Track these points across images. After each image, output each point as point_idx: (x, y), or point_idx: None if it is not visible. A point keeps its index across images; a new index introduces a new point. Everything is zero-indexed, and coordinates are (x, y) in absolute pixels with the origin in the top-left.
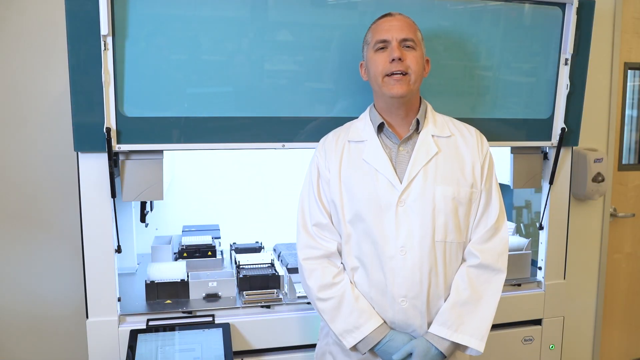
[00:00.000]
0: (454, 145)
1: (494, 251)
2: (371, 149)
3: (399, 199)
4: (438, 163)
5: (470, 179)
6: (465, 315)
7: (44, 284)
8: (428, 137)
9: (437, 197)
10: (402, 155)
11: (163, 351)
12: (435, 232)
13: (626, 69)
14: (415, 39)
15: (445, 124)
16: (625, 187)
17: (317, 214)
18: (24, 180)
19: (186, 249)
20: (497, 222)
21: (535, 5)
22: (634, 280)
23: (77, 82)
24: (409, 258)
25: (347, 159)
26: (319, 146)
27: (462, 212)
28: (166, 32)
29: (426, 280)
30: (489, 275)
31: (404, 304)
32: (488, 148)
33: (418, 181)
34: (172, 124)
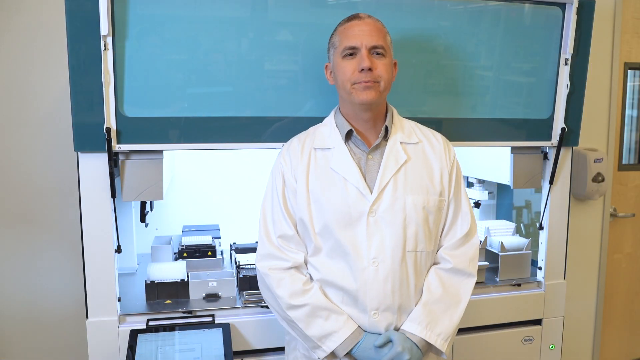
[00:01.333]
0: (422, 152)
1: (465, 256)
2: (339, 157)
3: (370, 209)
4: (407, 171)
5: (438, 187)
6: (436, 315)
7: (44, 284)
8: (396, 145)
9: (408, 207)
10: (371, 163)
11: (163, 351)
12: (406, 242)
13: (626, 69)
14: (385, 45)
15: (412, 130)
16: (625, 187)
17: (282, 225)
18: (24, 180)
19: (186, 249)
20: (469, 230)
21: (535, 5)
22: (634, 280)
23: (77, 82)
24: (380, 269)
25: (313, 167)
26: (283, 152)
27: (432, 221)
28: (166, 32)
29: (397, 291)
30: (460, 278)
31: (375, 317)
32: (455, 155)
33: (389, 190)
34: (172, 124)
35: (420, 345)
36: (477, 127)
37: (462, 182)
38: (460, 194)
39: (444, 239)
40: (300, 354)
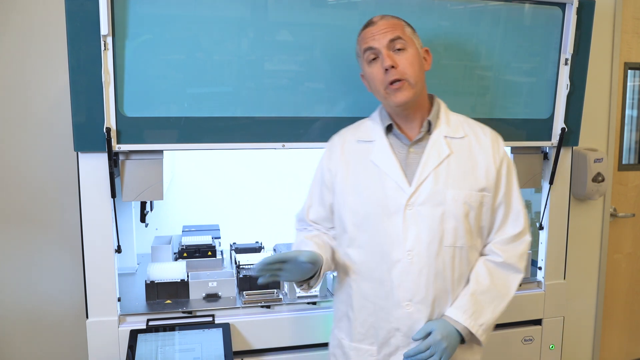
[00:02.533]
0: (467, 147)
1: (515, 251)
2: (379, 150)
3: (407, 202)
4: (450, 165)
5: (482, 183)
6: (481, 305)
7: (44, 284)
8: (440, 139)
9: (448, 201)
10: (412, 157)
11: (163, 351)
12: (444, 236)
13: (626, 69)
14: (403, 36)
15: (459, 124)
16: (625, 187)
17: (316, 212)
18: (24, 180)
19: (186, 249)
20: (522, 229)
21: (535, 5)
22: (634, 280)
23: (77, 82)
24: (415, 262)
25: (353, 159)
26: (327, 146)
27: (473, 216)
28: (166, 32)
29: (432, 284)
30: (508, 273)
31: (408, 308)
32: (504, 151)
33: (428, 184)
34: (172, 124)
35: (463, 333)
36: None
37: (515, 179)
38: (511, 192)
39: (494, 234)
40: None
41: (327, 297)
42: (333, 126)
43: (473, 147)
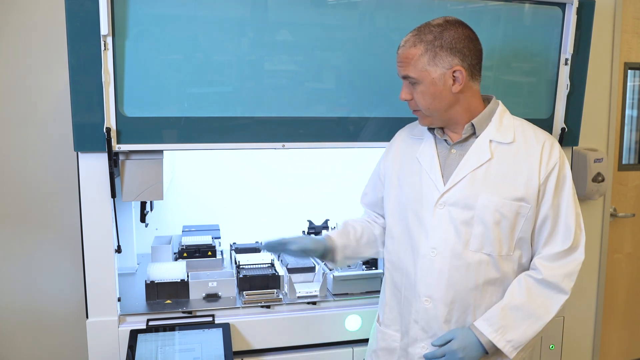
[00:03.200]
0: (512, 154)
1: (561, 270)
2: (424, 148)
3: (438, 201)
4: (489, 170)
5: (521, 192)
6: (512, 321)
7: (44, 284)
8: (484, 142)
9: (479, 206)
10: (453, 157)
11: (163, 351)
12: (470, 240)
13: (626, 69)
14: (413, 73)
15: (511, 129)
16: (625, 187)
17: (369, 198)
18: (24, 180)
19: (186, 249)
20: (572, 245)
21: (535, 5)
22: (634, 280)
23: (77, 82)
24: (438, 260)
25: (404, 154)
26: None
27: (507, 225)
28: (166, 32)
29: (454, 285)
30: (549, 292)
31: (427, 304)
32: (558, 161)
33: (462, 185)
34: (172, 124)
35: (487, 346)
36: None
37: (567, 192)
38: (561, 205)
39: (541, 249)
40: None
41: (327, 297)
42: (334, 126)
43: (519, 153)
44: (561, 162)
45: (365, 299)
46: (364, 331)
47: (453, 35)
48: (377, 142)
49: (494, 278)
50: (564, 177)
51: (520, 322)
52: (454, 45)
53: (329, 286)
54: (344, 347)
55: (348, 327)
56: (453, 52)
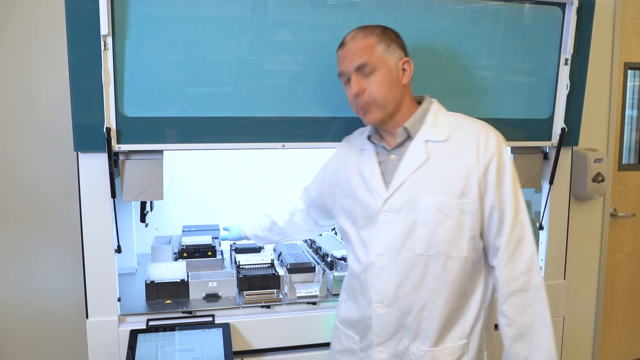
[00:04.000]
0: (448, 151)
1: (517, 270)
2: (365, 157)
3: (382, 208)
4: (427, 171)
5: (461, 188)
6: (525, 350)
7: (44, 284)
8: (419, 144)
9: (421, 208)
10: (393, 163)
11: (163, 351)
12: (415, 244)
13: (626, 69)
14: (369, 60)
15: (446, 127)
16: (625, 187)
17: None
18: (24, 180)
19: (186, 249)
20: (520, 233)
21: (535, 5)
22: (634, 280)
23: (77, 82)
24: (386, 266)
25: (348, 164)
26: (339, 145)
27: (453, 224)
28: (166, 32)
29: (402, 290)
30: (525, 298)
31: (379, 310)
32: (495, 151)
33: (403, 190)
34: (172, 124)
35: None
36: None
37: (509, 180)
38: (504, 194)
39: (494, 241)
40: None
41: (328, 297)
42: (334, 126)
43: (455, 150)
44: (499, 152)
45: None
46: None
47: (394, 33)
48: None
49: (445, 280)
50: (503, 166)
51: (531, 343)
52: (398, 41)
53: (329, 286)
54: None
55: None
56: (399, 46)
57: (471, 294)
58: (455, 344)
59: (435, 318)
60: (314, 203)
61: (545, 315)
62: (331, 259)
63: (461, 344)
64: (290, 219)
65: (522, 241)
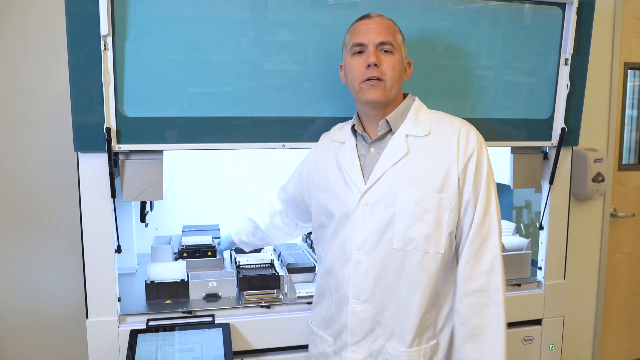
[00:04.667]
0: (428, 146)
1: (479, 270)
2: (345, 151)
3: (359, 202)
4: (406, 165)
5: (439, 183)
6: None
7: (44, 284)
8: (400, 138)
9: (399, 202)
10: (372, 156)
11: (163, 351)
12: (393, 238)
13: (626, 69)
14: (393, 42)
15: (427, 122)
16: (625, 187)
17: (283, 188)
18: (24, 180)
19: (186, 249)
20: (486, 233)
21: (535, 5)
22: (634, 280)
23: (77, 82)
24: (363, 261)
25: (327, 159)
26: (320, 139)
27: (431, 219)
28: (166, 32)
29: (379, 285)
30: (482, 299)
31: (355, 306)
32: (475, 148)
33: (382, 184)
34: (172, 124)
35: None
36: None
37: (486, 178)
38: (480, 192)
39: (465, 239)
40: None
41: None
42: (334, 126)
43: (436, 145)
44: (479, 149)
45: None
46: None
47: None
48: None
49: (421, 278)
50: (481, 164)
51: (482, 345)
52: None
53: None
54: None
55: None
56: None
57: (444, 293)
58: (427, 344)
59: (411, 316)
60: (291, 201)
61: (499, 319)
62: None
63: (432, 344)
64: (271, 221)
65: (487, 241)
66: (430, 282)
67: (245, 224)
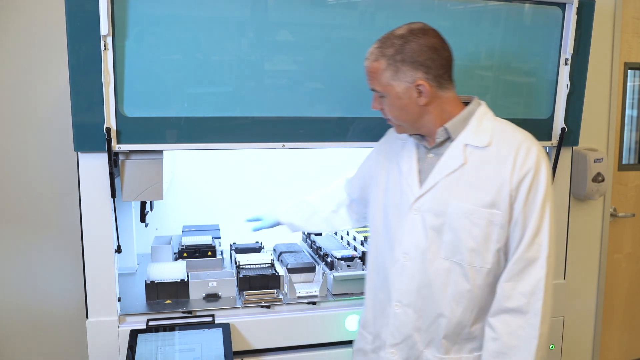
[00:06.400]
0: (487, 158)
1: (519, 290)
2: (405, 152)
3: (412, 206)
4: (461, 176)
5: (492, 198)
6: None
7: (44, 284)
8: (458, 147)
9: (450, 212)
10: (430, 162)
11: (163, 351)
12: (441, 247)
13: (626, 69)
14: (378, 87)
15: (488, 132)
16: (625, 187)
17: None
18: (23, 181)
19: (186, 249)
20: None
21: (535, 5)
22: (634, 280)
23: (77, 82)
24: (409, 266)
25: (387, 157)
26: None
27: (480, 234)
28: (166, 32)
29: (422, 292)
30: (518, 320)
31: (397, 309)
32: (532, 166)
33: (435, 192)
34: (172, 124)
35: None
36: None
37: (541, 199)
38: (531, 212)
39: (511, 257)
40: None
41: (327, 298)
42: (334, 126)
43: (494, 158)
44: (536, 168)
45: None
46: None
47: (415, 48)
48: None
49: (465, 289)
50: (537, 183)
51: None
52: (415, 58)
53: (329, 286)
54: (344, 347)
55: (348, 327)
56: (415, 65)
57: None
58: (470, 354)
59: (452, 326)
60: (356, 197)
61: (532, 344)
62: (331, 259)
63: (476, 355)
64: (337, 209)
65: (534, 263)
66: (474, 294)
67: (300, 207)
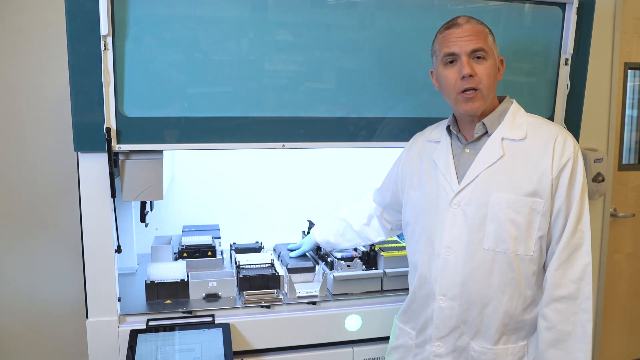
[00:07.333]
0: (524, 150)
1: (569, 278)
2: (440, 150)
3: (452, 201)
4: (501, 168)
5: (533, 187)
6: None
7: (44, 284)
8: (496, 141)
9: (492, 204)
10: (467, 157)
11: (163, 351)
12: (484, 238)
13: (626, 69)
14: (486, 47)
15: (523, 126)
16: (625, 187)
17: (379, 189)
18: (24, 180)
19: (186, 249)
20: (578, 242)
21: (535, 5)
22: (634, 280)
23: (77, 82)
24: (452, 259)
25: (421, 157)
26: (409, 141)
27: (522, 222)
28: (166, 32)
29: (467, 284)
30: (570, 306)
31: (442, 303)
32: (571, 156)
33: (475, 185)
34: (172, 124)
35: None
36: None
37: (579, 187)
38: (573, 200)
39: (555, 245)
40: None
41: (327, 297)
42: (334, 126)
43: (532, 150)
44: (574, 158)
45: (365, 299)
46: (364, 331)
47: None
48: (377, 142)
49: (510, 278)
50: (576, 173)
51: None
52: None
53: (329, 286)
54: (344, 347)
55: (348, 327)
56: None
57: (539, 296)
58: (516, 344)
59: (499, 316)
60: (388, 205)
61: (587, 327)
62: (331, 259)
63: (522, 345)
64: (368, 221)
65: (579, 249)
66: (519, 283)
67: (334, 223)
